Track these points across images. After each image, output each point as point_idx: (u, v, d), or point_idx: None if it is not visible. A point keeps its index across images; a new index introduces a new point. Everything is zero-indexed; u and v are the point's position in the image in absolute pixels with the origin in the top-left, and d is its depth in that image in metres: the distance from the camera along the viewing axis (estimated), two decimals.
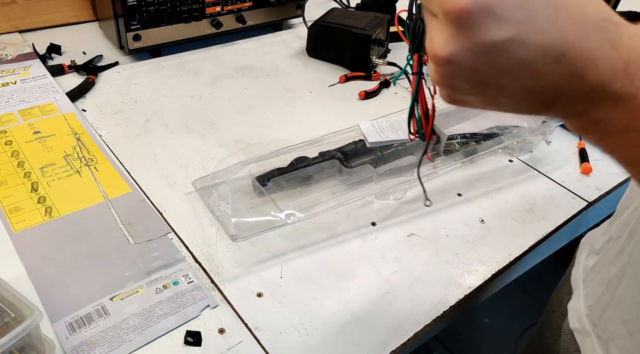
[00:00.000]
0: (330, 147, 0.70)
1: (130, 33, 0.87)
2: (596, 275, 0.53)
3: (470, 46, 0.26)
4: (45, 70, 0.85)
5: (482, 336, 1.51)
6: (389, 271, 0.58)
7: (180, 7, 0.89)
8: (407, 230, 0.64)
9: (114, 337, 0.48)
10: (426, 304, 0.55)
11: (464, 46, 0.26)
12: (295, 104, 0.86)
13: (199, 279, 0.54)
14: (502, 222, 0.66)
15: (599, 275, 0.52)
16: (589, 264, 0.56)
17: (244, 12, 0.98)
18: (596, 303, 0.51)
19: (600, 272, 0.53)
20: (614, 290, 0.49)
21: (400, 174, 0.68)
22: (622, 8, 1.06)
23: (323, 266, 0.58)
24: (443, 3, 0.26)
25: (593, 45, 0.25)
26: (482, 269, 0.60)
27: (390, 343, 0.51)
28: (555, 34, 0.25)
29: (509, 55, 0.26)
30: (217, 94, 0.86)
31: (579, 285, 0.57)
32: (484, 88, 0.28)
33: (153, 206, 0.63)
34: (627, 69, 0.26)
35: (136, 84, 0.87)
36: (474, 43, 0.26)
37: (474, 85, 0.29)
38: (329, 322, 0.52)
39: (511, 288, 0.75)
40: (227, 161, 0.66)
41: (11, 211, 0.60)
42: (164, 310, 0.51)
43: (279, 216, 0.59)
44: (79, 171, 0.66)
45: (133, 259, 0.55)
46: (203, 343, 0.49)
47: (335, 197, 0.65)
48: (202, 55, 0.97)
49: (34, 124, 0.73)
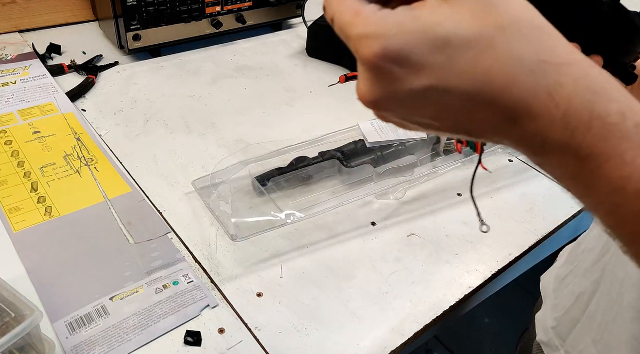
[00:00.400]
0: (330, 147, 0.70)
1: (130, 33, 0.87)
2: (567, 286, 0.52)
3: (391, 94, 0.25)
4: (45, 70, 0.85)
5: (482, 336, 1.51)
6: (389, 271, 0.58)
7: (180, 7, 0.89)
8: (407, 230, 0.64)
9: (114, 337, 0.48)
10: (426, 304, 0.55)
11: (386, 94, 0.25)
12: (295, 104, 0.86)
13: (199, 279, 0.54)
14: (502, 222, 0.66)
15: (570, 287, 0.51)
16: (561, 274, 0.55)
17: (244, 12, 0.98)
18: (564, 315, 0.50)
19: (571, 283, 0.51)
20: (584, 305, 0.47)
21: (400, 174, 0.68)
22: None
23: (323, 266, 0.58)
24: (357, 51, 0.24)
25: (525, 91, 0.23)
26: (482, 269, 0.60)
27: (390, 343, 0.51)
28: (481, 79, 0.23)
29: (434, 103, 0.24)
30: (217, 94, 0.86)
31: (550, 295, 0.56)
32: (419, 125, 0.27)
33: (153, 206, 0.63)
34: (566, 119, 0.23)
35: (136, 84, 0.87)
36: (395, 92, 0.24)
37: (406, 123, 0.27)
38: (329, 322, 0.52)
39: (511, 288, 0.75)
40: (227, 161, 0.66)
41: (11, 211, 0.60)
42: (164, 310, 0.51)
43: (279, 216, 0.59)
44: (79, 171, 0.66)
45: (133, 259, 0.55)
46: (203, 343, 0.49)
47: (335, 197, 0.65)
48: (202, 55, 0.97)
49: (34, 124, 0.73)
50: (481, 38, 0.23)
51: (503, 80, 0.23)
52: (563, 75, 0.23)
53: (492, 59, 0.23)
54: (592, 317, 0.46)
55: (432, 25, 0.23)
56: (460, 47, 0.23)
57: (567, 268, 0.54)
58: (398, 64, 0.23)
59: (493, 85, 0.23)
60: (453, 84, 0.23)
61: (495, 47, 0.23)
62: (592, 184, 0.24)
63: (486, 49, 0.23)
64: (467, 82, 0.23)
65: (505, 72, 0.23)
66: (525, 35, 0.23)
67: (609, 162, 0.23)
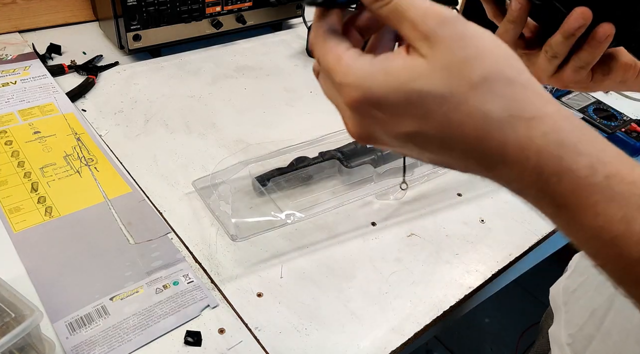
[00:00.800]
0: (330, 147, 0.70)
1: (130, 33, 0.87)
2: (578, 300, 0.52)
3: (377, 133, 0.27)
4: (45, 70, 0.85)
5: (482, 336, 1.51)
6: (389, 271, 0.58)
7: (180, 7, 0.89)
8: (407, 230, 0.64)
9: (114, 337, 0.48)
10: (426, 304, 0.55)
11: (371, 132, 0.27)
12: (295, 104, 0.86)
13: (199, 279, 0.54)
14: (502, 222, 0.66)
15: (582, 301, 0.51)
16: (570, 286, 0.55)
17: (244, 12, 0.98)
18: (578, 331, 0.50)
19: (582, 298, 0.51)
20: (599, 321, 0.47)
21: (400, 174, 0.68)
22: None
23: (323, 266, 0.58)
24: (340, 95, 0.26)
25: (497, 144, 0.24)
26: (482, 269, 0.60)
27: (390, 343, 0.51)
28: (456, 132, 0.24)
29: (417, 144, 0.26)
30: (217, 94, 0.86)
31: (560, 308, 0.55)
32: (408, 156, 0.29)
33: (153, 206, 0.63)
34: (537, 170, 0.24)
35: (136, 84, 0.87)
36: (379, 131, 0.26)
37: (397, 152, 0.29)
38: (329, 322, 0.52)
39: (511, 287, 0.75)
40: (227, 161, 0.66)
41: (11, 211, 0.60)
42: (164, 310, 0.51)
43: (279, 216, 0.59)
44: (79, 171, 0.66)
45: (133, 259, 0.55)
46: (203, 343, 0.49)
47: (335, 197, 0.65)
48: (202, 55, 0.97)
49: (34, 124, 0.73)
50: (453, 95, 0.24)
51: (475, 134, 0.24)
52: (532, 129, 0.24)
53: (464, 114, 0.24)
54: (608, 334, 0.46)
55: (407, 81, 0.24)
56: (434, 102, 0.24)
57: (577, 280, 0.54)
58: (379, 110, 0.25)
59: (466, 138, 0.24)
60: (431, 133, 0.25)
61: (468, 103, 0.24)
62: (570, 230, 0.25)
63: (459, 105, 0.24)
64: (443, 133, 0.25)
65: (477, 126, 0.24)
66: (496, 92, 0.24)
67: (582, 213, 0.24)
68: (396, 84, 0.24)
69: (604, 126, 0.82)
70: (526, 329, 1.43)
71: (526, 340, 1.40)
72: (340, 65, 0.26)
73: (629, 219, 0.23)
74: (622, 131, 0.81)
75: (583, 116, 0.82)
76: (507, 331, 1.51)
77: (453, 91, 0.24)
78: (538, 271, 0.65)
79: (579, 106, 0.86)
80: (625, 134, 0.81)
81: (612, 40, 0.38)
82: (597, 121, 0.83)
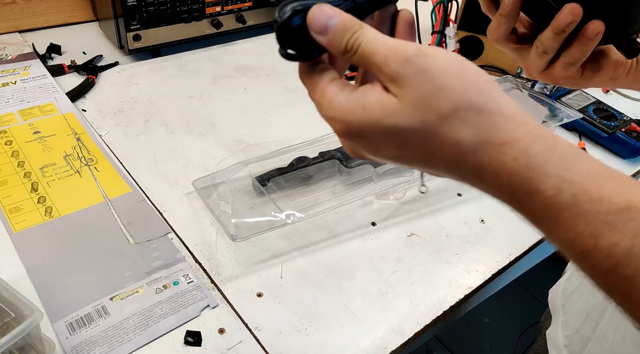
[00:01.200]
0: (330, 147, 0.70)
1: (130, 33, 0.87)
2: (575, 302, 0.52)
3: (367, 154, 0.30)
4: (45, 70, 0.85)
5: (482, 336, 1.51)
6: (389, 271, 0.58)
7: (180, 7, 0.89)
8: (407, 230, 0.64)
9: (114, 337, 0.48)
10: (426, 304, 0.55)
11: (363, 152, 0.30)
12: (295, 104, 0.86)
13: (199, 279, 0.54)
14: (502, 222, 0.66)
15: (578, 304, 0.51)
16: (568, 288, 0.55)
17: (244, 12, 0.98)
18: (575, 333, 0.50)
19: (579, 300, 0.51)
20: (594, 323, 0.47)
21: (400, 174, 0.68)
22: None
23: (323, 266, 0.58)
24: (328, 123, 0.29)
25: (473, 168, 0.26)
26: (482, 269, 0.60)
27: (390, 343, 0.51)
28: (435, 156, 0.27)
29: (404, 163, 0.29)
30: (217, 94, 0.86)
31: (558, 310, 0.56)
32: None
33: (153, 206, 0.63)
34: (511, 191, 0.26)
35: (136, 84, 0.87)
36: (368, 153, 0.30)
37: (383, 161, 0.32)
38: (329, 322, 0.52)
39: (511, 287, 0.75)
40: (227, 161, 0.66)
41: (11, 211, 0.60)
42: (164, 310, 0.51)
43: (279, 216, 0.59)
44: (79, 171, 0.67)
45: (133, 259, 0.55)
46: (203, 342, 0.49)
47: (335, 197, 0.65)
48: (202, 55, 0.97)
49: (34, 124, 0.74)
50: (425, 128, 0.26)
51: (452, 157, 0.26)
52: (503, 154, 0.25)
53: (438, 143, 0.26)
54: (603, 336, 0.46)
55: (382, 118, 0.26)
56: (409, 135, 0.26)
57: (574, 283, 0.54)
58: (362, 138, 0.28)
59: (444, 161, 0.27)
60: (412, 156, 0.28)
61: (440, 133, 0.26)
62: (549, 240, 0.27)
63: (431, 135, 0.26)
64: (424, 156, 0.27)
65: (453, 152, 0.26)
66: (466, 120, 0.26)
67: (553, 228, 0.26)
68: (372, 120, 0.27)
69: (604, 125, 0.82)
70: (526, 329, 1.43)
71: (526, 340, 1.40)
72: (324, 99, 0.28)
73: (597, 235, 0.24)
74: (622, 131, 0.81)
75: (583, 115, 0.82)
76: (506, 331, 1.51)
77: (425, 124, 0.26)
78: (538, 271, 0.65)
79: (579, 105, 0.86)
80: (625, 134, 0.81)
81: (602, 38, 0.39)
82: (597, 120, 0.83)
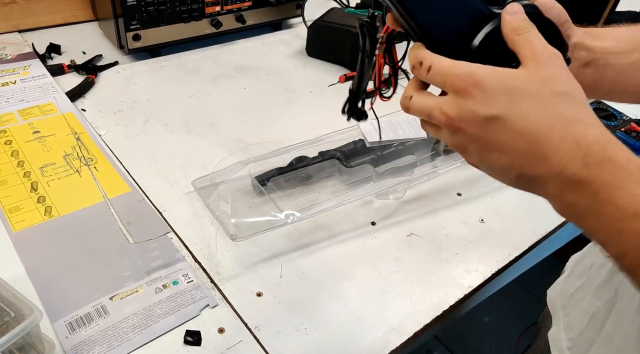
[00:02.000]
0: (330, 147, 0.70)
1: (130, 33, 0.87)
2: (577, 304, 0.52)
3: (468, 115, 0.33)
4: (45, 70, 0.85)
5: (482, 336, 1.51)
6: (388, 270, 0.58)
7: (180, 7, 0.89)
8: (407, 230, 0.64)
9: (114, 336, 0.48)
10: (426, 303, 0.55)
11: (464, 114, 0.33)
12: (295, 104, 0.86)
13: (198, 279, 0.54)
14: (502, 222, 0.66)
15: (581, 305, 0.51)
16: (569, 289, 0.55)
17: (243, 12, 0.98)
18: (579, 335, 0.50)
19: (582, 301, 0.51)
20: (600, 325, 0.47)
21: (400, 174, 0.68)
22: (622, 8, 1.06)
23: (323, 265, 0.58)
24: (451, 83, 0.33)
25: (558, 136, 0.31)
26: (482, 269, 0.60)
27: (390, 342, 0.51)
28: (530, 122, 0.31)
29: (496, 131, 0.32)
30: (217, 94, 0.86)
31: (559, 311, 0.56)
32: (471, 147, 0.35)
33: (153, 206, 0.63)
34: (584, 159, 0.31)
35: (136, 84, 0.86)
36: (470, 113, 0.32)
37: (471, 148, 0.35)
38: (329, 322, 0.52)
39: (511, 287, 0.75)
40: (226, 161, 0.66)
41: (11, 210, 0.60)
42: (164, 309, 0.51)
43: (279, 215, 0.59)
44: (78, 170, 0.66)
45: (132, 258, 0.55)
46: (203, 342, 0.49)
47: (335, 197, 0.65)
48: (201, 55, 0.97)
49: (33, 124, 0.73)
50: (537, 95, 0.32)
51: (545, 126, 0.31)
52: (589, 127, 0.32)
53: (541, 110, 0.32)
54: (609, 338, 0.46)
55: (509, 78, 0.32)
56: (522, 96, 0.32)
57: (574, 283, 0.54)
58: (479, 89, 0.32)
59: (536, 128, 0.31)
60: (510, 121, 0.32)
61: (546, 105, 0.32)
62: (602, 213, 0.30)
63: (539, 103, 0.32)
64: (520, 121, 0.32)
65: (548, 122, 0.31)
66: (570, 103, 0.32)
67: (617, 192, 0.30)
68: (499, 76, 0.32)
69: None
70: (526, 329, 1.43)
71: (526, 340, 1.40)
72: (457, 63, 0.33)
73: None
74: (622, 130, 0.81)
75: None
76: (506, 330, 1.51)
77: (539, 92, 0.32)
78: (538, 271, 0.65)
79: None
80: (625, 133, 0.80)
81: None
82: None
